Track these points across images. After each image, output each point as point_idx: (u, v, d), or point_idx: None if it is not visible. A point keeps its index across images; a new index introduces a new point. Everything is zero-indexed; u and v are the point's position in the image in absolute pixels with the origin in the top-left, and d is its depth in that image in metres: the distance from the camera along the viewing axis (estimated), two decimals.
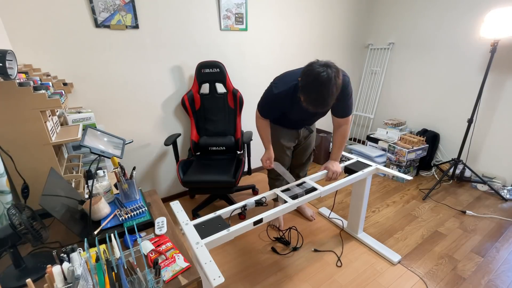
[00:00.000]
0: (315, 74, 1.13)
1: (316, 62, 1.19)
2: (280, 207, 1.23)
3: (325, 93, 1.14)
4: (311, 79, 1.14)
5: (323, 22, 2.73)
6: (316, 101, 1.17)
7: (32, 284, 0.62)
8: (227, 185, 1.83)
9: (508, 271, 1.56)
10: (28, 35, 1.53)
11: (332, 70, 1.14)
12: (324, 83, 1.12)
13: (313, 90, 1.15)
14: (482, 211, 2.12)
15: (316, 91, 1.15)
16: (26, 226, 0.79)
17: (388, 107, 3.18)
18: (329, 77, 1.12)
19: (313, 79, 1.14)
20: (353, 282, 1.51)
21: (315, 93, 1.15)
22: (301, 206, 2.06)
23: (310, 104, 1.19)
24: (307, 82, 1.17)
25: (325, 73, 1.12)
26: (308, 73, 1.16)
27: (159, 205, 1.19)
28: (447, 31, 2.51)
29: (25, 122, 1.10)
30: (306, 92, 1.18)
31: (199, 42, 2.11)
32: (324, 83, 1.12)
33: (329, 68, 1.14)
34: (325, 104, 1.17)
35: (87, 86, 1.77)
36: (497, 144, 2.39)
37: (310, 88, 1.16)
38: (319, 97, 1.15)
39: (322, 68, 1.14)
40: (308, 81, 1.16)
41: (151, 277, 0.76)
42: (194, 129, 2.18)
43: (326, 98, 1.15)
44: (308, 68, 1.18)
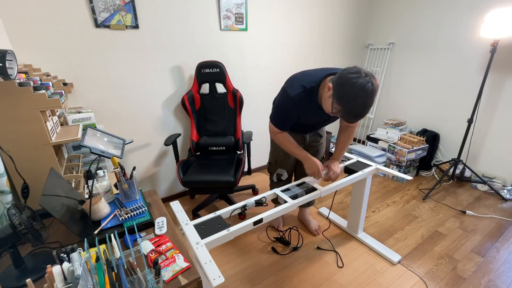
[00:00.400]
0: (360, 85, 1.05)
1: (352, 69, 1.09)
2: (280, 207, 1.23)
3: (369, 105, 1.08)
4: (357, 90, 1.05)
5: (323, 22, 2.74)
6: (359, 114, 1.10)
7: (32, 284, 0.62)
8: (227, 185, 1.83)
9: (508, 271, 1.56)
10: (28, 35, 1.53)
11: (374, 79, 1.08)
12: (370, 95, 1.06)
13: (359, 102, 1.07)
14: (482, 211, 2.12)
15: (362, 103, 1.07)
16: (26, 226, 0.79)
17: (388, 107, 3.18)
18: (374, 89, 1.06)
19: (359, 90, 1.05)
20: (353, 282, 1.51)
21: (360, 105, 1.07)
22: (306, 218, 1.97)
23: (351, 115, 1.12)
24: (351, 93, 1.07)
25: (370, 83, 1.05)
26: (351, 84, 1.07)
27: (159, 205, 1.19)
28: (447, 31, 2.51)
29: (25, 122, 1.10)
30: (349, 104, 1.09)
31: (199, 42, 2.11)
32: (370, 95, 1.06)
33: (372, 78, 1.07)
34: (366, 111, 1.11)
35: (87, 86, 1.77)
36: (497, 144, 2.39)
37: (354, 100, 1.07)
38: (364, 109, 1.08)
39: (367, 79, 1.06)
40: (353, 92, 1.06)
41: (151, 277, 0.76)
42: (194, 129, 2.18)
43: (368, 110, 1.09)
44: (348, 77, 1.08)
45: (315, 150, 1.72)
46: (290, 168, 1.76)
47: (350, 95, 1.07)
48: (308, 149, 1.70)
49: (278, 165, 1.73)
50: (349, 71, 1.09)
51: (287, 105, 1.31)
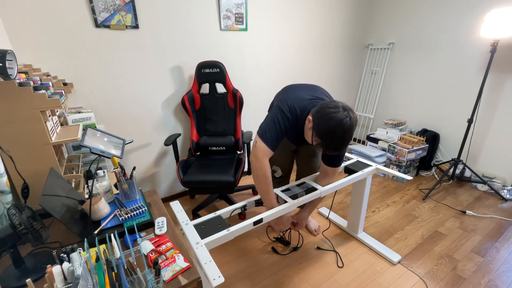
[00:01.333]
0: (338, 120, 1.06)
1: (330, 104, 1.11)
2: (280, 207, 1.23)
3: (348, 139, 1.09)
4: (334, 125, 1.07)
5: (323, 22, 2.73)
6: (338, 147, 1.11)
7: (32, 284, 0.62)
8: (227, 185, 1.83)
9: (508, 271, 1.56)
10: (28, 35, 1.53)
11: (353, 114, 1.10)
12: (348, 129, 1.07)
13: (337, 136, 1.08)
14: (482, 211, 2.12)
15: (340, 137, 1.08)
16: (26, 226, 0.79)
17: (388, 107, 3.18)
18: (352, 123, 1.08)
19: (337, 125, 1.06)
20: (353, 282, 1.51)
21: (339, 139, 1.08)
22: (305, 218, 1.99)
23: (330, 148, 1.13)
24: (329, 128, 1.08)
25: (348, 118, 1.07)
26: (328, 119, 1.08)
27: (159, 205, 1.19)
28: (447, 31, 2.51)
29: (25, 122, 1.10)
30: (327, 138, 1.10)
31: (199, 42, 2.11)
32: (348, 130, 1.07)
33: (351, 112, 1.09)
34: (344, 148, 1.13)
35: (87, 86, 1.77)
36: (497, 144, 2.39)
37: (332, 134, 1.08)
38: (343, 142, 1.10)
39: (344, 113, 1.08)
40: (330, 127, 1.08)
41: (151, 277, 0.76)
42: (194, 129, 2.18)
43: (347, 143, 1.11)
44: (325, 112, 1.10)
45: (312, 150, 1.68)
46: (285, 166, 1.76)
47: (328, 129, 1.08)
48: (304, 151, 1.68)
49: (272, 162, 1.69)
50: (327, 105, 1.11)
51: (282, 120, 1.26)
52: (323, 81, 3.01)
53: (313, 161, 1.72)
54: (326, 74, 3.02)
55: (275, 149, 1.28)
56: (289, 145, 1.62)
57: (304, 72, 2.82)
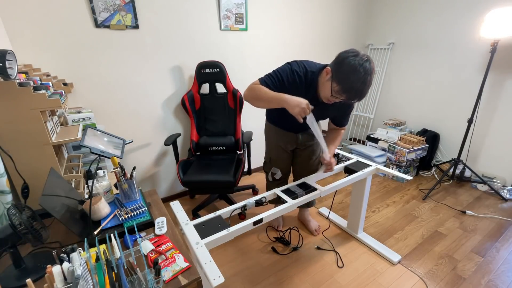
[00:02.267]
0: (357, 62, 1.07)
1: (350, 50, 1.13)
2: (280, 207, 1.23)
3: (368, 82, 1.09)
4: (355, 67, 1.07)
5: (323, 22, 2.73)
6: (359, 90, 1.10)
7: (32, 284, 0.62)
8: (227, 185, 1.83)
9: (508, 271, 1.56)
10: (28, 35, 1.53)
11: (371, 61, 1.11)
12: (369, 72, 1.08)
13: (357, 78, 1.08)
14: (482, 211, 2.12)
15: (360, 79, 1.08)
16: (26, 226, 0.79)
17: (388, 107, 3.18)
18: (371, 67, 1.09)
19: (358, 67, 1.07)
20: (353, 282, 1.51)
21: (359, 81, 1.08)
22: (306, 218, 1.97)
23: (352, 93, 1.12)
24: (350, 70, 1.08)
25: (368, 62, 1.08)
26: (348, 62, 1.09)
27: (159, 205, 1.18)
28: (447, 31, 2.51)
29: (25, 122, 1.10)
30: (348, 81, 1.10)
31: (199, 42, 2.11)
32: (369, 72, 1.08)
33: (369, 58, 1.10)
34: (364, 94, 1.13)
35: (87, 86, 1.77)
36: (497, 144, 2.39)
37: (353, 76, 1.08)
38: (364, 85, 1.09)
39: (364, 58, 1.09)
40: (351, 69, 1.08)
41: (151, 277, 0.76)
42: (194, 129, 2.18)
43: (367, 87, 1.11)
44: (345, 56, 1.11)
45: (311, 150, 1.69)
46: (284, 167, 1.75)
47: (349, 72, 1.09)
48: (303, 148, 1.69)
49: (272, 164, 1.74)
50: (346, 52, 1.13)
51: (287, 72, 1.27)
52: None
53: (311, 163, 1.72)
54: None
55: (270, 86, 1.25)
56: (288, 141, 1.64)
57: None
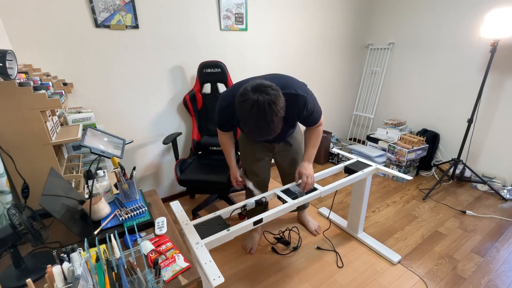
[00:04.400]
0: (249, 106, 1.00)
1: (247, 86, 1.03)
2: (280, 207, 1.23)
3: (263, 124, 1.02)
4: (247, 112, 1.01)
5: (323, 22, 2.73)
6: (258, 134, 1.06)
7: (32, 284, 0.62)
8: (221, 185, 1.83)
9: (508, 271, 1.56)
10: (28, 35, 1.53)
11: (265, 98, 0.99)
12: (260, 114, 0.99)
13: (251, 122, 1.03)
14: (482, 211, 2.12)
15: (253, 125, 1.03)
16: (26, 226, 0.79)
17: (388, 107, 3.18)
18: (263, 107, 0.99)
19: (249, 112, 1.01)
20: (353, 282, 1.51)
21: (254, 126, 1.03)
22: (305, 218, 1.95)
23: (253, 136, 1.08)
24: (244, 114, 1.03)
25: (258, 102, 0.99)
26: (241, 105, 1.02)
27: (159, 205, 1.19)
28: (447, 31, 2.51)
29: (25, 122, 1.10)
30: (245, 125, 1.06)
31: (199, 42, 2.11)
32: (260, 114, 1.00)
33: (263, 95, 0.99)
34: (269, 133, 1.05)
35: (87, 86, 1.77)
36: (497, 144, 2.39)
37: (248, 121, 1.03)
38: (260, 129, 1.03)
39: (255, 95, 0.99)
40: (244, 113, 1.02)
41: (151, 277, 0.76)
42: (195, 128, 2.18)
43: (268, 127, 1.03)
44: (240, 98, 1.03)
45: (290, 159, 1.62)
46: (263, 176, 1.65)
47: (243, 118, 1.04)
48: (282, 158, 1.62)
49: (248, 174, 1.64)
50: (238, 94, 1.04)
51: (221, 112, 1.30)
52: (323, 81, 3.01)
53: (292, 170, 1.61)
54: (326, 74, 3.02)
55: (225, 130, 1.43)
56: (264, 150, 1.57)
57: (304, 72, 2.82)
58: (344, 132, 3.60)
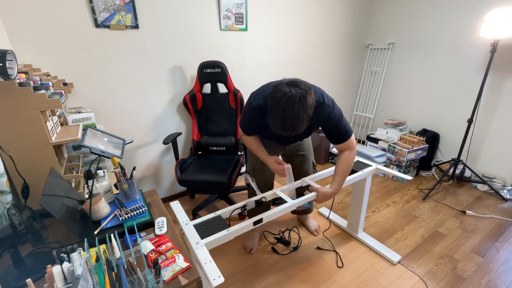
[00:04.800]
0: (279, 95, 1.02)
1: (283, 81, 1.07)
2: (280, 207, 1.23)
3: (290, 116, 1.02)
4: (276, 101, 1.03)
5: (323, 22, 2.73)
6: (282, 126, 1.06)
7: (32, 284, 0.62)
8: (222, 186, 1.83)
9: (508, 271, 1.56)
10: (28, 35, 1.53)
11: (297, 91, 1.01)
12: (289, 105, 1.01)
13: (278, 113, 1.04)
14: (482, 211, 2.12)
15: (280, 114, 1.03)
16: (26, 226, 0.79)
17: (388, 107, 3.18)
18: (293, 98, 1.00)
19: (278, 101, 1.02)
20: (353, 282, 1.51)
21: (280, 117, 1.04)
22: (305, 218, 1.94)
23: (277, 128, 1.08)
24: (272, 104, 1.05)
25: (289, 93, 1.01)
26: (272, 95, 1.05)
27: (159, 205, 1.19)
28: (447, 31, 2.51)
29: (25, 122, 1.10)
30: (272, 116, 1.07)
31: (199, 42, 2.11)
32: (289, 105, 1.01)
33: (295, 88, 1.02)
34: (293, 128, 1.05)
35: (87, 86, 1.77)
36: (497, 144, 2.39)
37: (275, 111, 1.04)
38: (284, 121, 1.04)
39: (288, 88, 1.02)
40: (273, 103, 1.05)
41: (151, 277, 0.76)
42: (195, 128, 2.18)
43: (293, 121, 1.03)
44: (273, 89, 1.06)
45: (300, 155, 1.63)
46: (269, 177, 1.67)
47: (272, 107, 1.06)
48: (293, 157, 1.64)
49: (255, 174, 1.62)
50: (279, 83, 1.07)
51: (249, 112, 1.30)
52: (323, 81, 3.01)
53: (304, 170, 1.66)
54: (326, 74, 3.02)
55: (250, 133, 1.42)
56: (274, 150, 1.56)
57: (304, 72, 2.82)
58: None
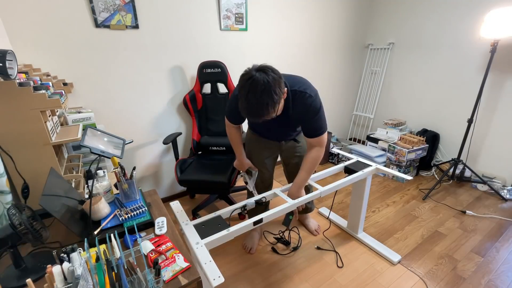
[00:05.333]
0: (246, 78, 1.03)
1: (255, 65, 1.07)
2: (280, 207, 1.23)
3: (252, 100, 1.02)
4: (242, 83, 1.04)
5: (323, 22, 2.73)
6: (247, 109, 1.05)
7: (32, 284, 0.62)
8: (222, 186, 1.83)
9: (508, 271, 1.56)
10: (28, 35, 1.53)
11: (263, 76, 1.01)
12: (252, 88, 1.01)
13: (243, 96, 1.04)
14: (482, 211, 2.12)
15: (245, 97, 1.03)
16: (26, 226, 0.79)
17: (388, 107, 3.18)
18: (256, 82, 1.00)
19: (243, 83, 1.03)
20: (353, 282, 1.51)
21: (244, 99, 1.04)
22: (305, 218, 1.95)
23: (243, 111, 1.08)
24: (239, 87, 1.06)
25: (255, 77, 1.01)
26: (240, 78, 1.06)
27: (159, 205, 1.19)
28: (447, 31, 2.51)
29: (25, 122, 1.09)
30: (239, 98, 1.06)
31: (199, 42, 2.11)
32: (252, 89, 1.01)
33: (262, 74, 1.02)
34: (257, 112, 1.04)
35: (87, 86, 1.77)
36: (497, 144, 2.39)
37: (241, 94, 1.04)
38: (249, 104, 1.03)
39: (256, 72, 1.02)
40: (240, 85, 1.05)
41: (151, 277, 0.76)
42: (195, 128, 2.18)
43: (256, 105, 1.02)
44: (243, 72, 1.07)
45: (298, 156, 1.61)
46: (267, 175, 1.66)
47: (239, 92, 1.07)
48: (289, 155, 1.63)
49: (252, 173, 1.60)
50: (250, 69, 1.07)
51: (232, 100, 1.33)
52: (323, 81, 3.01)
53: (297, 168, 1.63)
54: (326, 74, 3.02)
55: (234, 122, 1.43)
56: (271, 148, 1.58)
57: (304, 72, 2.81)
58: (344, 132, 3.60)
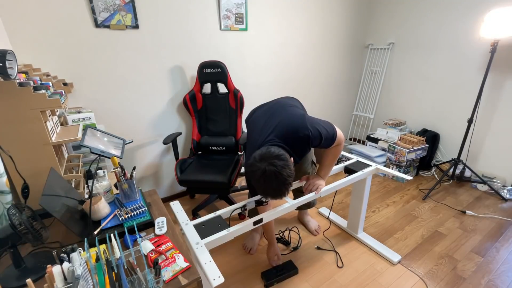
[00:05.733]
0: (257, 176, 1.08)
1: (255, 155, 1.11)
2: (280, 207, 1.23)
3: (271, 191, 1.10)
4: (256, 179, 1.10)
5: (323, 22, 2.73)
6: (267, 196, 1.14)
7: (32, 284, 0.62)
8: (222, 186, 1.83)
9: (508, 271, 1.56)
10: (28, 35, 1.53)
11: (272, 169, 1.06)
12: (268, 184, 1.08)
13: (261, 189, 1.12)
14: (482, 211, 2.12)
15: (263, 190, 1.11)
16: (26, 226, 0.79)
17: (388, 107, 3.18)
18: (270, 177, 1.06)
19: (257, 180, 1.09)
20: (353, 282, 1.51)
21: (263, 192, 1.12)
22: (306, 218, 1.95)
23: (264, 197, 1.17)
24: (254, 182, 1.12)
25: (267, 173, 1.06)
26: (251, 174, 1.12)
27: (159, 205, 1.19)
28: (447, 31, 2.51)
29: (25, 122, 1.09)
30: (259, 190, 1.14)
31: (199, 42, 2.11)
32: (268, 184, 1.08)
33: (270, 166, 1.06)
34: (279, 197, 1.13)
35: (87, 86, 1.77)
36: (497, 144, 2.39)
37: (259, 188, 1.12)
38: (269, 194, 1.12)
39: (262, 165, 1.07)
40: (254, 180, 1.11)
41: (151, 277, 0.76)
42: (195, 128, 2.18)
43: (275, 193, 1.11)
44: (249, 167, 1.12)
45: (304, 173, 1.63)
46: None
47: (254, 184, 1.12)
48: None
49: None
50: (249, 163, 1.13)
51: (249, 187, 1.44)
52: (323, 81, 3.01)
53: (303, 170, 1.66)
54: (326, 74, 3.02)
55: None
56: None
57: (304, 72, 2.82)
58: (344, 132, 3.60)
